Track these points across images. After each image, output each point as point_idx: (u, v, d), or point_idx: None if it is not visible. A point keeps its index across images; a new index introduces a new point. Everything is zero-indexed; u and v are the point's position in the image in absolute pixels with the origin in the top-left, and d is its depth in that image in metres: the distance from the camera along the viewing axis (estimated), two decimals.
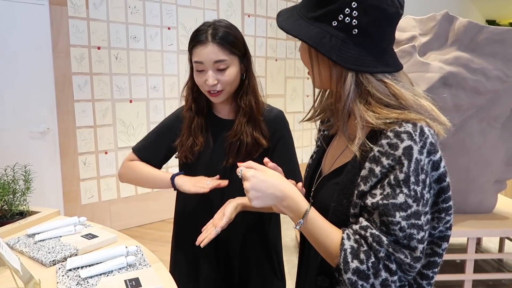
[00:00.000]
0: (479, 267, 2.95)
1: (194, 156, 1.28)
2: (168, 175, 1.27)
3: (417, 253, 0.71)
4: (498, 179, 2.61)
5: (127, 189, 3.75)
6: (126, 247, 1.14)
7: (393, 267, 0.72)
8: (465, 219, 2.50)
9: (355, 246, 0.73)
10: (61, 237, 1.27)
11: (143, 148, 1.37)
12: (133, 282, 0.98)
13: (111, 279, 1.00)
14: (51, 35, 3.23)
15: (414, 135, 0.71)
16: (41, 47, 3.19)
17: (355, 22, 0.73)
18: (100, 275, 1.03)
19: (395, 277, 0.72)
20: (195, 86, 1.28)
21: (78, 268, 1.07)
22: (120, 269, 1.06)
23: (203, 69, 1.20)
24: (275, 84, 4.90)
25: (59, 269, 1.07)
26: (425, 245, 0.74)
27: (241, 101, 1.26)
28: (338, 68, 0.76)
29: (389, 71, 0.76)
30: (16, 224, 1.37)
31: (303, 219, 0.78)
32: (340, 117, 0.79)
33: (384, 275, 0.71)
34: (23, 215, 1.43)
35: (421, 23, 2.40)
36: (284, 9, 0.84)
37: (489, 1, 6.46)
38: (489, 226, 2.42)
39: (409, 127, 0.71)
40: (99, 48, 3.48)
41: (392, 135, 0.72)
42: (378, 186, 0.73)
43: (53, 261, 1.12)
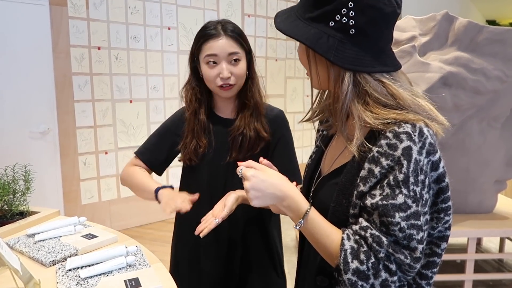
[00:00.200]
0: (479, 267, 2.95)
1: (198, 158, 1.28)
2: (153, 187, 1.24)
3: (417, 253, 0.71)
4: (498, 179, 2.61)
5: (127, 189, 3.70)
6: (126, 247, 1.14)
7: (393, 267, 0.72)
8: (465, 219, 2.50)
9: (355, 246, 0.73)
10: (61, 237, 1.27)
11: (145, 150, 1.37)
12: (133, 282, 0.98)
13: (111, 279, 1.00)
14: (51, 35, 3.23)
15: (413, 135, 0.71)
16: (41, 47, 3.20)
17: (352, 22, 0.73)
18: (100, 275, 1.03)
19: (395, 278, 0.72)
20: (197, 86, 1.29)
21: (78, 268, 1.07)
22: (120, 269, 1.06)
23: (216, 63, 1.22)
24: (275, 84, 4.89)
25: (59, 269, 1.07)
26: (425, 245, 0.74)
27: (245, 97, 1.29)
28: (335, 68, 0.76)
29: (387, 71, 0.76)
30: (16, 224, 1.37)
31: (303, 219, 0.78)
32: (338, 118, 0.79)
33: (384, 275, 0.71)
34: (23, 215, 1.43)
35: (421, 23, 2.40)
36: (282, 10, 0.84)
37: (489, 1, 6.47)
38: (489, 226, 2.42)
39: (408, 128, 0.71)
40: (99, 48, 3.48)
41: (391, 136, 0.72)
42: (377, 186, 0.73)
43: (53, 261, 1.12)
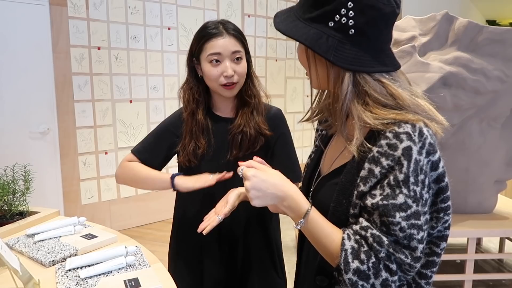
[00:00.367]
0: (479, 267, 2.95)
1: (197, 159, 1.28)
2: (167, 176, 1.26)
3: (417, 253, 0.72)
4: (498, 179, 2.61)
5: (127, 190, 3.75)
6: (125, 247, 1.14)
7: (394, 267, 0.72)
8: (465, 219, 2.49)
9: (356, 246, 0.73)
10: (60, 237, 1.27)
11: (142, 149, 1.36)
12: (133, 282, 0.98)
13: (111, 279, 1.00)
14: (51, 35, 3.23)
15: (413, 135, 0.71)
16: (41, 47, 3.19)
17: (351, 22, 0.73)
18: (99, 275, 1.03)
19: (395, 277, 0.73)
20: (196, 86, 1.29)
21: (77, 268, 1.07)
22: (119, 269, 1.06)
23: (219, 62, 1.22)
24: (275, 84, 4.89)
25: (59, 269, 1.07)
26: (425, 245, 0.74)
27: (245, 95, 1.29)
28: (335, 68, 0.76)
29: (386, 71, 0.76)
30: (15, 224, 1.37)
31: (304, 219, 0.78)
32: (338, 118, 0.79)
33: (384, 275, 0.72)
34: (22, 215, 1.43)
35: (421, 23, 2.40)
36: (281, 11, 0.84)
37: (489, 1, 6.46)
38: (489, 226, 2.42)
39: (408, 128, 0.71)
40: (99, 48, 3.48)
41: (391, 136, 0.72)
42: (377, 186, 0.73)
43: (53, 261, 1.12)
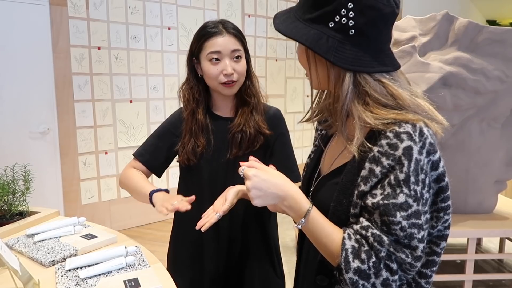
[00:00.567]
0: (479, 267, 2.95)
1: (196, 157, 1.28)
2: (148, 190, 1.24)
3: (417, 252, 0.72)
4: (498, 179, 2.61)
5: None
6: (125, 248, 1.14)
7: (394, 266, 0.72)
8: (465, 219, 2.49)
9: (356, 246, 0.73)
10: (60, 237, 1.27)
11: (144, 152, 1.36)
12: (132, 282, 0.98)
13: (110, 280, 1.00)
14: (51, 35, 3.23)
15: (413, 135, 0.71)
16: (41, 47, 3.19)
17: (351, 22, 0.73)
18: (99, 275, 1.03)
19: (396, 277, 0.73)
20: (196, 86, 1.30)
21: (77, 268, 1.07)
22: (119, 269, 1.06)
23: (218, 60, 1.23)
24: (275, 84, 4.89)
25: (58, 269, 1.07)
26: (425, 244, 0.74)
27: (245, 95, 1.30)
28: (335, 69, 0.76)
29: (386, 71, 0.77)
30: (15, 224, 1.37)
31: (304, 218, 0.78)
32: (338, 118, 0.79)
33: (385, 274, 0.72)
34: (22, 215, 1.43)
35: (421, 23, 2.40)
36: (280, 12, 0.84)
37: (489, 1, 6.46)
38: (489, 226, 2.42)
39: (409, 128, 0.72)
40: (99, 48, 3.48)
41: (391, 136, 0.72)
42: (378, 186, 0.73)
43: (53, 261, 1.12)
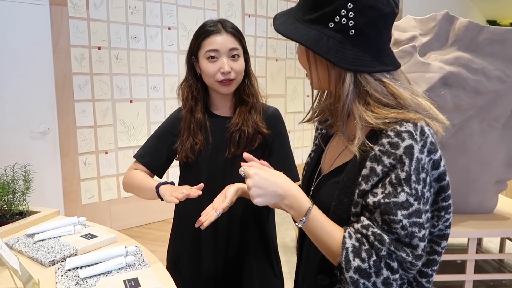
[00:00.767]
0: (480, 267, 2.95)
1: (194, 155, 1.29)
2: (154, 184, 1.24)
3: (418, 251, 0.72)
4: (498, 179, 2.61)
5: None
6: (125, 247, 1.14)
7: (395, 265, 0.72)
8: (466, 219, 2.49)
9: (357, 244, 0.73)
10: (60, 237, 1.27)
11: (144, 153, 1.37)
12: (132, 282, 0.98)
13: (110, 279, 1.00)
14: (51, 35, 3.23)
15: (415, 134, 0.71)
16: (41, 47, 3.19)
17: (351, 23, 0.73)
18: (99, 275, 1.03)
19: (397, 275, 0.73)
20: (194, 84, 1.31)
21: (77, 268, 1.06)
22: (119, 269, 1.06)
23: (216, 58, 1.24)
24: (276, 84, 4.89)
25: (58, 269, 1.07)
26: (426, 243, 0.74)
27: (243, 94, 1.30)
28: (336, 69, 0.76)
29: (387, 70, 0.77)
30: (15, 224, 1.37)
31: (305, 217, 0.78)
32: (339, 118, 0.79)
33: (385, 273, 0.72)
34: (22, 215, 1.43)
35: (421, 23, 2.40)
36: (280, 13, 0.84)
37: (489, 1, 6.46)
38: (489, 226, 2.41)
39: (410, 127, 0.72)
40: (99, 48, 3.48)
41: (393, 134, 0.72)
42: (379, 185, 0.73)
43: (52, 261, 1.12)
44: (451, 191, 0.78)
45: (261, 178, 0.79)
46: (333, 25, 0.74)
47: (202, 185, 1.15)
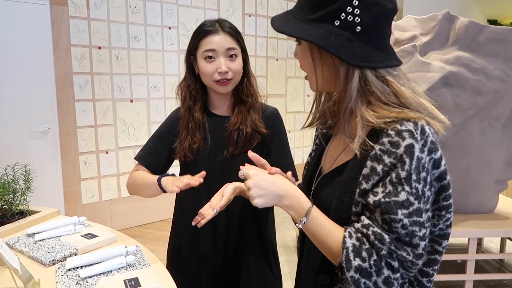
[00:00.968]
0: (480, 267, 2.95)
1: (192, 154, 1.29)
2: (156, 178, 1.24)
3: (419, 250, 0.72)
4: (499, 179, 2.60)
5: None
6: (125, 247, 1.14)
7: (395, 264, 0.72)
8: (466, 219, 2.49)
9: (357, 244, 0.73)
10: (60, 236, 1.27)
11: (145, 155, 1.37)
12: (132, 282, 0.98)
13: (111, 279, 1.00)
14: (52, 34, 3.23)
15: (415, 133, 0.71)
16: (42, 46, 3.20)
17: (357, 19, 0.73)
18: (99, 274, 1.03)
19: (398, 275, 0.73)
20: (193, 84, 1.32)
21: (77, 267, 1.07)
22: (119, 269, 1.06)
23: (213, 58, 1.24)
24: (276, 84, 4.89)
25: (59, 268, 1.07)
26: (427, 242, 0.74)
27: (242, 94, 1.31)
28: (344, 67, 0.76)
29: (394, 65, 0.77)
30: (16, 223, 1.37)
31: (305, 217, 0.78)
32: (342, 118, 0.79)
33: (386, 272, 0.72)
34: (23, 214, 1.43)
35: (422, 22, 2.40)
36: (276, 16, 0.83)
37: (490, 0, 6.45)
38: (490, 226, 2.41)
39: (410, 126, 0.72)
40: (99, 47, 3.48)
41: (393, 134, 0.72)
42: (379, 184, 0.73)
43: (53, 260, 1.12)
44: (451, 190, 0.78)
45: (261, 178, 0.80)
46: (339, 23, 0.74)
47: (203, 173, 1.15)
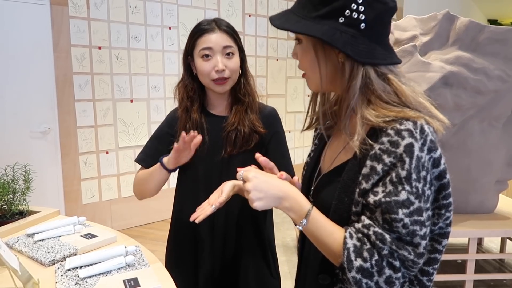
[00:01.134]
0: (480, 267, 2.94)
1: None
2: (158, 164, 1.28)
3: (420, 249, 0.72)
4: (499, 179, 2.60)
5: (128, 189, 3.75)
6: (125, 247, 1.14)
7: (397, 264, 0.72)
8: (466, 219, 2.49)
9: (358, 244, 0.73)
10: (60, 236, 1.27)
11: (145, 156, 1.37)
12: (132, 282, 0.98)
13: (110, 279, 1.00)
14: (52, 35, 3.23)
15: (414, 132, 0.71)
16: (42, 47, 3.20)
17: (362, 17, 0.73)
18: (99, 275, 1.03)
19: (399, 274, 0.73)
20: (190, 84, 1.32)
21: (77, 267, 1.06)
22: (119, 269, 1.06)
23: (210, 56, 1.24)
24: (276, 84, 4.89)
25: (58, 268, 1.07)
26: (427, 241, 0.74)
27: (239, 93, 1.30)
28: (348, 64, 0.76)
29: (396, 62, 0.78)
30: (15, 223, 1.37)
31: (305, 219, 0.78)
32: (344, 116, 0.79)
33: (388, 272, 0.72)
34: (22, 214, 1.43)
35: (422, 22, 2.40)
36: (276, 14, 0.82)
37: (491, 0, 6.45)
38: (490, 226, 2.41)
39: (410, 125, 0.72)
40: (100, 48, 3.48)
41: (393, 133, 0.72)
42: (380, 183, 0.73)
43: (52, 260, 1.12)
44: (451, 189, 0.78)
45: (261, 181, 0.79)
46: (343, 20, 0.74)
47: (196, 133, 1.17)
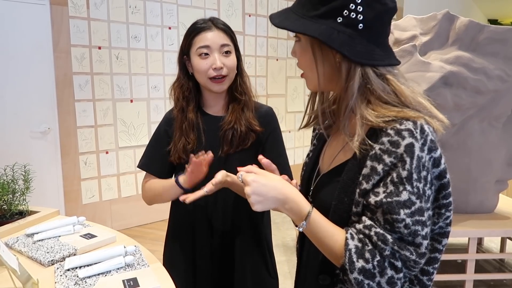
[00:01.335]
0: (480, 267, 2.94)
1: (187, 155, 1.26)
2: (173, 181, 1.24)
3: (422, 249, 0.72)
4: (499, 179, 2.60)
5: (128, 189, 3.75)
6: (124, 247, 1.14)
7: (399, 264, 0.72)
8: (466, 219, 2.49)
9: (360, 245, 0.73)
10: (60, 236, 1.27)
11: (148, 161, 1.36)
12: (131, 282, 0.98)
13: (109, 279, 1.00)
14: (52, 35, 3.23)
15: (415, 132, 0.71)
16: (42, 47, 3.19)
17: (360, 17, 0.73)
18: (98, 275, 1.03)
19: (401, 274, 0.73)
20: (186, 84, 1.32)
21: (76, 268, 1.06)
22: (118, 269, 1.06)
23: (208, 54, 1.24)
24: (276, 83, 4.89)
25: (58, 269, 1.07)
26: (429, 241, 0.74)
27: (237, 91, 1.31)
28: (345, 65, 0.76)
29: (395, 64, 0.77)
30: (15, 223, 1.37)
31: (306, 221, 0.77)
32: (343, 116, 0.78)
33: (390, 273, 0.72)
34: (22, 214, 1.43)
35: (421, 22, 2.39)
36: (275, 13, 0.82)
37: (491, 0, 6.45)
38: (490, 226, 2.41)
39: (410, 125, 0.71)
40: (99, 48, 3.48)
41: (393, 133, 0.72)
42: (380, 184, 0.73)
43: (52, 260, 1.12)
44: (451, 189, 0.78)
45: (260, 184, 0.78)
46: (341, 20, 0.74)
47: (203, 152, 1.16)
